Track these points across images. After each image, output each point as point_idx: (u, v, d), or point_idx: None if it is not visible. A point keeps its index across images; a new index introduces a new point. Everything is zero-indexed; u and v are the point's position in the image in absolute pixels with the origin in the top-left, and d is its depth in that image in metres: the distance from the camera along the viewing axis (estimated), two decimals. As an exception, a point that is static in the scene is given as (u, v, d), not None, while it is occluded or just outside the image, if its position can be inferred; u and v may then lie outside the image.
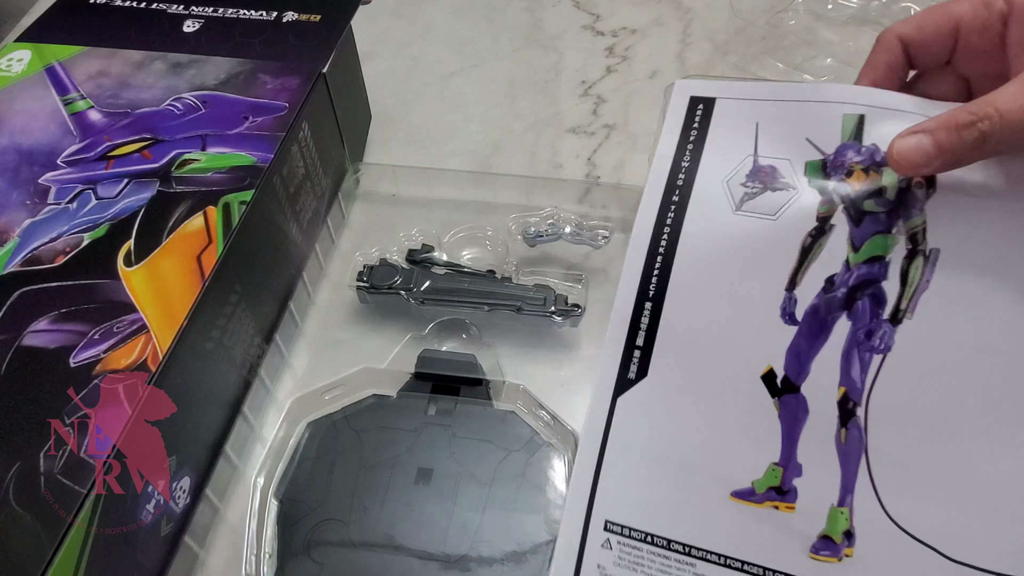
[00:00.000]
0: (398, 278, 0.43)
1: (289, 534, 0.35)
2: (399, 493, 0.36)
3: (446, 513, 0.35)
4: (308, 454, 0.38)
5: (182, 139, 0.40)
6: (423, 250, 0.45)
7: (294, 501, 0.36)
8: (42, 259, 0.34)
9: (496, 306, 0.42)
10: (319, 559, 0.34)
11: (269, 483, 0.37)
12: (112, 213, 0.36)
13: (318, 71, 0.44)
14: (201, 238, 0.36)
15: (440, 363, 0.41)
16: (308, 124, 0.43)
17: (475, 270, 0.44)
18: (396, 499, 0.36)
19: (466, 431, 0.38)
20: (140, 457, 0.30)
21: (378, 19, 0.67)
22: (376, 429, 0.38)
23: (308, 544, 0.35)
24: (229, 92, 0.43)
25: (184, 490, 0.34)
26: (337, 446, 0.38)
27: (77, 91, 0.43)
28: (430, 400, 0.39)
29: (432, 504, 0.36)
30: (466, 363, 0.40)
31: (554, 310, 0.42)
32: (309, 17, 0.48)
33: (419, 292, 0.43)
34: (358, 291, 0.43)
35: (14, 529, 0.26)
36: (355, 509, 0.36)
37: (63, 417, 0.29)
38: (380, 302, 0.44)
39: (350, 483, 0.37)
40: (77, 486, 0.27)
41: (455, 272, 0.44)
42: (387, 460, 0.37)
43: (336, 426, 0.39)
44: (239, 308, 0.37)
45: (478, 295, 0.42)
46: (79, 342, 0.31)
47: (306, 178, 0.44)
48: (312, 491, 0.36)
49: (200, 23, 0.48)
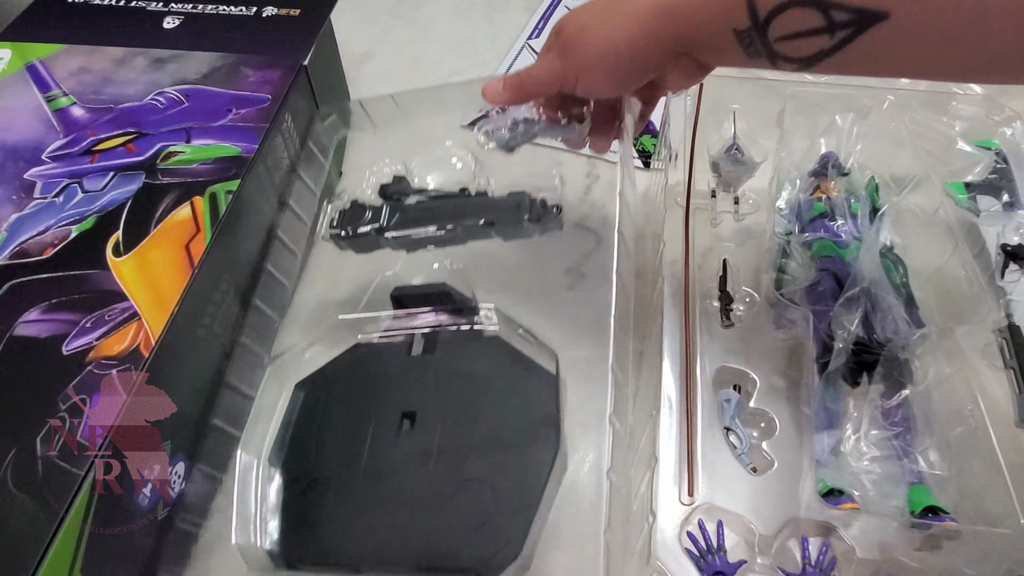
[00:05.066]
0: (368, 215, 0.41)
1: (284, 498, 0.34)
2: (384, 441, 0.35)
3: (429, 454, 0.34)
4: (298, 416, 0.37)
5: (166, 132, 0.41)
6: (394, 182, 0.43)
7: (286, 465, 0.35)
8: (30, 252, 0.35)
9: (467, 226, 0.40)
10: (314, 520, 0.34)
11: (260, 449, 0.36)
12: (99, 205, 0.37)
13: (299, 63, 0.45)
14: (189, 227, 0.36)
15: (414, 298, 0.39)
16: (291, 115, 0.44)
17: (446, 192, 0.42)
18: (382, 447, 0.35)
19: (450, 363, 0.37)
20: (135, 443, 0.31)
21: (378, 19, 0.67)
22: (361, 379, 0.37)
23: (302, 506, 0.34)
24: (212, 86, 0.43)
25: (179, 475, 0.35)
26: (325, 403, 0.37)
27: (59, 88, 0.43)
28: (412, 338, 0.38)
29: (416, 447, 0.35)
30: (439, 293, 0.39)
31: (528, 217, 0.39)
32: (288, 11, 0.49)
33: (390, 226, 0.41)
34: (333, 239, 0.42)
35: (13, 512, 0.27)
36: (344, 465, 0.35)
37: (58, 404, 0.29)
38: (358, 245, 0.42)
39: (339, 438, 0.36)
40: (75, 469, 0.28)
41: (426, 199, 0.42)
42: (372, 409, 0.36)
43: (323, 383, 0.38)
44: (228, 296, 0.38)
45: (448, 217, 0.40)
46: (71, 331, 0.32)
47: (291, 168, 0.45)
48: (304, 452, 0.36)
49: (180, 19, 0.48)
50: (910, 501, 0.33)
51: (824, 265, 0.40)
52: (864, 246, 0.40)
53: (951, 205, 0.44)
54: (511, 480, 0.33)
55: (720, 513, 0.33)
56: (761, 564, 0.32)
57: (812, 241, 0.42)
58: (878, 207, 0.43)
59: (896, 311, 0.38)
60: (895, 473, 0.35)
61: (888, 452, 0.35)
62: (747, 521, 0.33)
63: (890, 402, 0.36)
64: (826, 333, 0.38)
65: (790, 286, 0.40)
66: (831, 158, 0.46)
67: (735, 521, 0.33)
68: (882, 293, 0.38)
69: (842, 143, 0.46)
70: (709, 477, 0.34)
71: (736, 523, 0.33)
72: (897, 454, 0.35)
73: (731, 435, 0.37)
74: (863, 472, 0.35)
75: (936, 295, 0.41)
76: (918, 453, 0.35)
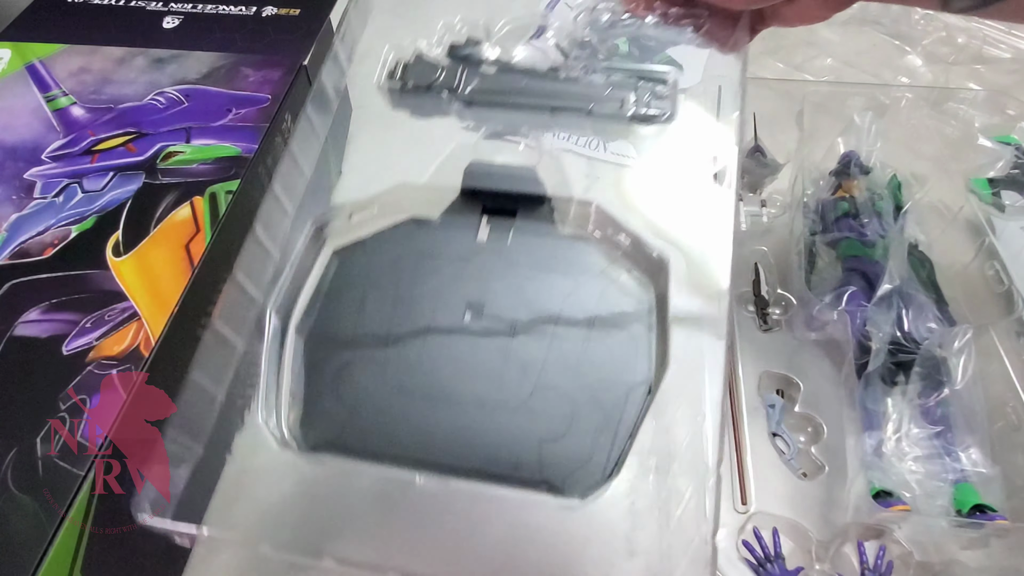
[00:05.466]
0: (440, 75, 0.35)
1: (314, 375, 0.30)
2: (445, 330, 0.31)
3: (501, 353, 0.30)
4: (335, 285, 0.32)
5: (166, 132, 0.41)
6: (468, 43, 0.37)
7: (319, 337, 0.31)
8: (31, 252, 0.35)
9: (561, 108, 0.34)
10: (350, 403, 0.29)
11: (289, 316, 0.31)
12: (99, 205, 0.37)
13: (299, 63, 0.45)
14: (189, 227, 0.36)
15: (493, 177, 0.33)
16: (291, 115, 0.44)
17: (532, 68, 0.36)
18: (441, 337, 0.30)
19: (526, 259, 0.32)
20: (135, 443, 0.31)
21: (378, 18, 0.67)
22: (416, 257, 0.32)
23: (336, 386, 0.30)
24: (212, 86, 0.43)
25: (179, 475, 0.35)
26: (369, 276, 0.32)
27: (59, 88, 0.43)
28: (481, 223, 0.33)
29: (485, 343, 0.30)
30: (525, 177, 0.33)
31: (634, 113, 0.33)
32: (288, 11, 0.49)
33: (466, 93, 0.35)
34: (391, 93, 0.36)
35: (13, 512, 0.27)
36: (392, 348, 0.30)
37: (58, 404, 0.29)
38: (416, 106, 0.36)
39: (385, 318, 0.31)
40: (75, 469, 0.28)
41: (508, 71, 0.36)
42: (430, 293, 0.31)
43: (368, 253, 0.33)
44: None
45: (539, 95, 0.34)
46: (71, 331, 0.32)
47: (290, 169, 0.45)
48: (340, 327, 0.31)
49: (180, 19, 0.48)
50: (956, 500, 0.33)
51: (851, 265, 0.41)
52: (892, 245, 0.40)
53: (975, 201, 0.44)
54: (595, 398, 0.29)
55: (774, 520, 0.33)
56: (819, 571, 0.32)
57: (838, 241, 0.42)
58: (901, 205, 0.43)
59: (929, 309, 0.37)
60: (939, 472, 0.34)
61: (930, 451, 0.35)
62: (803, 527, 0.33)
63: (929, 401, 0.36)
64: (861, 333, 0.38)
65: (820, 287, 0.40)
66: (853, 157, 0.46)
67: (790, 528, 0.33)
68: (914, 292, 0.38)
69: (862, 142, 0.46)
70: (760, 484, 0.34)
71: (791, 530, 0.33)
72: (939, 453, 0.35)
73: (778, 440, 0.36)
74: (907, 472, 0.34)
75: (964, 292, 0.40)
76: (960, 451, 0.35)
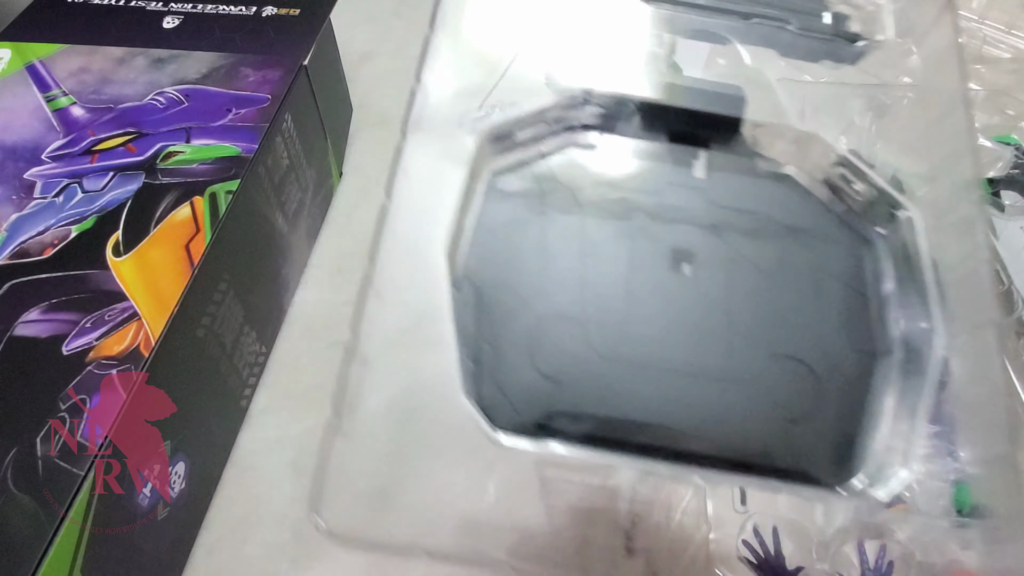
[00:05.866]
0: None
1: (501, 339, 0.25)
2: (647, 284, 0.26)
3: (720, 311, 0.25)
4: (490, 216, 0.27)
5: (166, 132, 0.41)
6: None
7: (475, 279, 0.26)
8: (30, 252, 0.35)
9: (754, 15, 0.29)
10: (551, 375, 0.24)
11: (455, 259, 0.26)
12: (99, 205, 0.37)
13: (299, 64, 0.45)
14: (189, 227, 0.36)
15: (689, 94, 0.27)
16: (291, 115, 0.44)
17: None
18: (643, 292, 0.26)
19: (735, 201, 0.27)
20: (135, 443, 0.31)
21: (378, 19, 0.67)
22: (596, 187, 0.27)
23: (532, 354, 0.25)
24: (211, 86, 0.43)
25: (180, 475, 0.35)
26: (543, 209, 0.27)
27: (59, 88, 0.43)
28: (672, 149, 0.28)
29: (699, 301, 0.25)
30: (731, 96, 0.27)
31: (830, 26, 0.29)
32: (288, 11, 0.49)
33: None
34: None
35: (13, 512, 0.27)
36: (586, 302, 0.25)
37: (58, 404, 0.29)
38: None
39: (564, 264, 0.26)
40: (75, 469, 0.28)
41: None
42: (623, 235, 0.26)
43: (535, 178, 0.28)
44: (228, 296, 0.38)
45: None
46: (71, 331, 0.32)
47: (291, 168, 0.45)
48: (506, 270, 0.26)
49: (180, 19, 0.48)
50: (956, 499, 0.33)
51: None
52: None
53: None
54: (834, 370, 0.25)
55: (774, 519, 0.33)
56: (819, 570, 0.32)
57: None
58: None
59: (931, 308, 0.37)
60: (939, 472, 0.34)
61: (930, 450, 0.35)
62: (802, 526, 0.33)
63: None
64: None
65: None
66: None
67: (790, 526, 0.33)
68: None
69: (862, 142, 0.46)
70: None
71: (791, 528, 0.33)
72: (940, 452, 0.35)
73: None
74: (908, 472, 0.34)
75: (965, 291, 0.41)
76: (961, 451, 0.35)
